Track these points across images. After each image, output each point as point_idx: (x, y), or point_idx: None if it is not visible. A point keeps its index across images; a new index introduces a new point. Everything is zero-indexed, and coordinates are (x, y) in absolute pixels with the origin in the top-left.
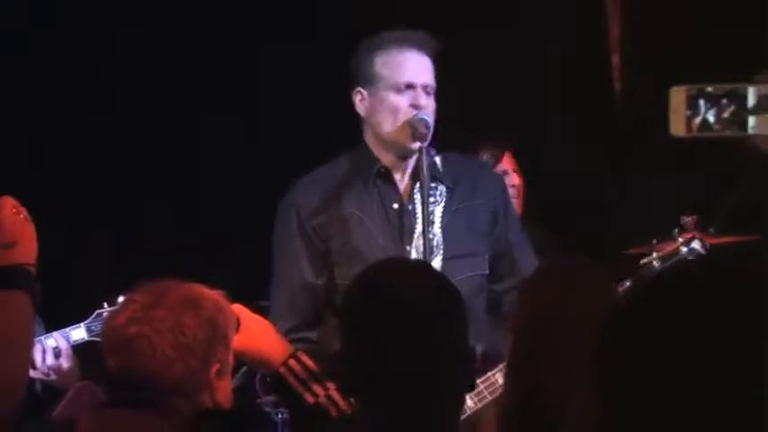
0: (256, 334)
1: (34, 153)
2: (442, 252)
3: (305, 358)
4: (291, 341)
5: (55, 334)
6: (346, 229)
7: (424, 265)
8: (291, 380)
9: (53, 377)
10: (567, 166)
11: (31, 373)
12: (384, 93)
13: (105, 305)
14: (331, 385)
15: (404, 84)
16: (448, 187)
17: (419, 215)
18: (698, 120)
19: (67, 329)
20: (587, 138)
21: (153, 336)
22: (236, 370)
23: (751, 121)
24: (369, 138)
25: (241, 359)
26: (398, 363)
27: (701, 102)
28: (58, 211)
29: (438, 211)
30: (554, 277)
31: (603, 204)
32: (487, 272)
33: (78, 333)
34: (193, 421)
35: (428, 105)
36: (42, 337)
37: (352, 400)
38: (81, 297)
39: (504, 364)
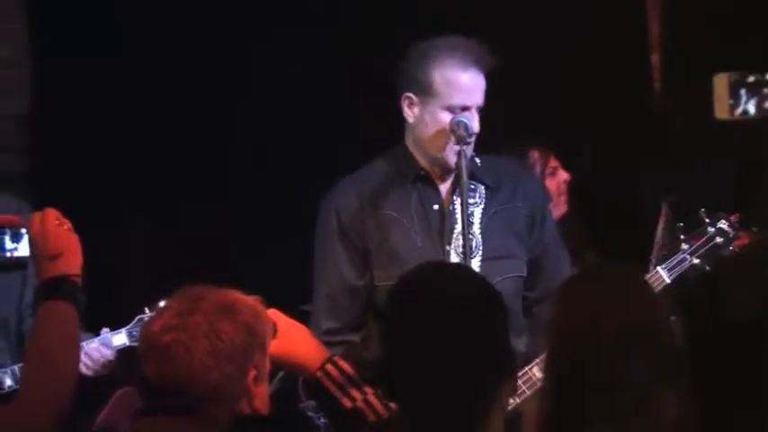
0: (293, 339)
1: (71, 154)
2: (481, 253)
3: (342, 363)
4: (333, 343)
5: (97, 339)
6: (385, 230)
7: (464, 268)
8: (329, 384)
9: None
10: (608, 167)
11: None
12: (437, 109)
13: (147, 310)
14: (369, 390)
15: (460, 107)
16: (488, 188)
17: (459, 216)
18: (739, 108)
19: (109, 335)
20: (627, 138)
21: (189, 342)
22: (273, 375)
23: None
24: (410, 141)
25: (278, 364)
26: (440, 367)
27: (743, 91)
28: (97, 215)
29: (477, 213)
30: (591, 281)
31: (642, 203)
32: (525, 274)
33: (120, 338)
34: (232, 428)
35: (477, 124)
36: (85, 342)
37: (390, 404)
38: (123, 302)
39: (541, 359)
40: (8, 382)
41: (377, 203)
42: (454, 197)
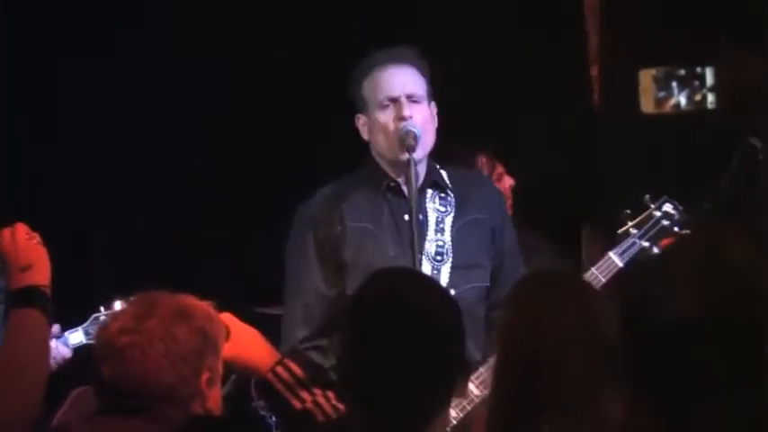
0: (245, 342)
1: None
2: (451, 260)
3: (292, 365)
4: (306, 350)
5: (54, 338)
6: (358, 242)
7: (420, 274)
8: (279, 386)
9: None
10: (547, 168)
11: None
12: (374, 113)
13: (102, 309)
14: (318, 391)
15: (385, 99)
16: (456, 198)
17: (430, 224)
18: (672, 100)
19: (66, 333)
20: (566, 140)
21: (145, 345)
22: (226, 377)
23: (710, 97)
24: (375, 156)
25: (231, 367)
26: (392, 367)
27: (674, 84)
28: (54, 214)
29: (448, 221)
30: (538, 285)
31: (585, 202)
32: (489, 284)
33: (76, 337)
34: (185, 428)
35: (415, 114)
36: (58, 339)
37: (338, 405)
38: (78, 301)
39: (474, 375)
40: None
41: (350, 216)
42: (426, 206)
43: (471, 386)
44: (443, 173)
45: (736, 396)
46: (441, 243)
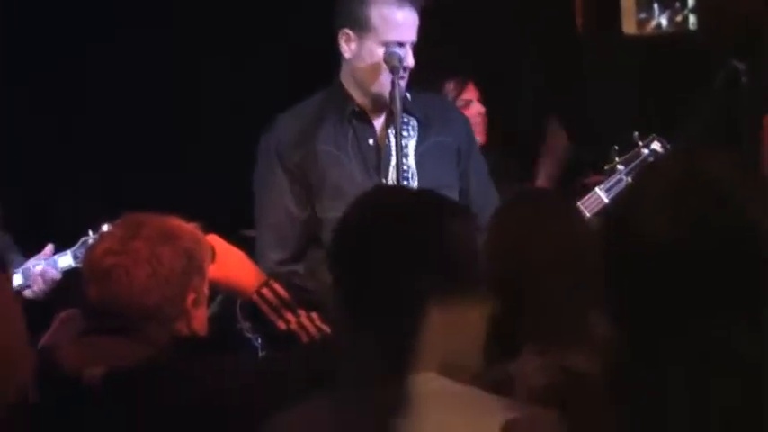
0: (231, 264)
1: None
2: (416, 183)
3: (277, 287)
4: (281, 273)
5: (44, 261)
6: (324, 165)
7: (404, 188)
8: (264, 307)
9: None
10: (529, 97)
11: (28, 294)
12: (373, 45)
13: (90, 233)
14: (302, 312)
15: (395, 41)
16: (419, 122)
17: (393, 149)
18: (653, 21)
19: (55, 257)
20: (551, 68)
21: (130, 266)
22: (212, 298)
23: (691, 18)
24: (345, 78)
25: (217, 288)
26: (387, 284)
27: (655, 5)
28: (50, 151)
29: (411, 145)
30: (522, 204)
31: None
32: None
33: (65, 260)
34: (169, 348)
35: (410, 56)
36: (32, 263)
37: (322, 326)
38: (67, 224)
39: None
40: (19, 280)
41: (316, 138)
42: (389, 131)
43: None
44: (408, 96)
45: (717, 319)
46: (405, 167)
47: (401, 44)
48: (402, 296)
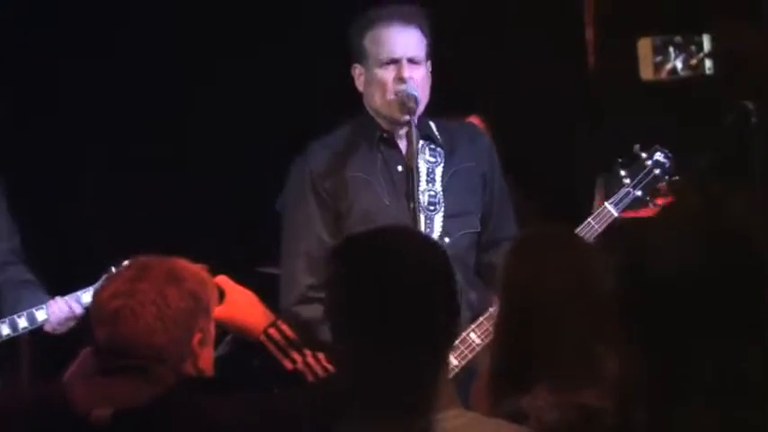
0: (239, 304)
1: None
2: (443, 209)
3: (284, 327)
4: (314, 299)
5: (68, 297)
6: (355, 191)
7: (408, 228)
8: (271, 347)
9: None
10: (543, 140)
11: (47, 328)
12: (373, 68)
13: (113, 269)
14: (308, 352)
15: (387, 59)
16: (445, 149)
17: (422, 175)
18: (668, 66)
19: (79, 293)
20: (560, 103)
21: (137, 308)
22: (220, 339)
23: (707, 63)
24: (368, 108)
25: (225, 328)
26: (385, 317)
27: (671, 49)
28: (72, 191)
29: (438, 171)
30: (538, 242)
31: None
32: (479, 229)
33: (88, 296)
34: (177, 387)
35: (414, 76)
36: (58, 299)
37: (327, 366)
38: (91, 262)
39: (475, 324)
40: (6, 330)
41: (346, 165)
42: (417, 158)
43: (473, 335)
44: (432, 124)
45: (735, 350)
46: (432, 193)
47: (395, 60)
48: (428, 336)
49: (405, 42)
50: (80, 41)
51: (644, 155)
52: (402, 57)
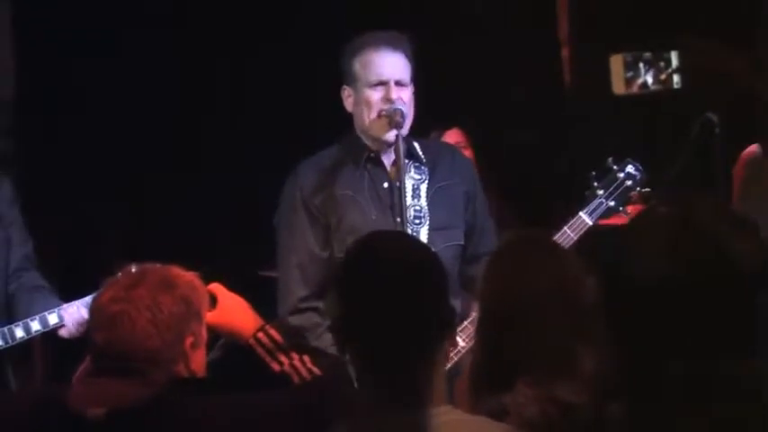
0: (231, 310)
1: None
2: (428, 223)
3: (273, 332)
4: (305, 309)
5: (79, 301)
6: (342, 207)
7: (406, 235)
8: (260, 350)
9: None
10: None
11: (64, 333)
12: (362, 89)
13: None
14: (295, 356)
15: (375, 81)
16: (428, 167)
17: (407, 191)
18: (639, 80)
19: (88, 298)
20: (538, 117)
21: (133, 312)
22: (213, 343)
23: (675, 78)
24: (357, 128)
25: (217, 333)
26: (388, 325)
27: (642, 65)
28: (82, 197)
29: (423, 188)
30: (517, 248)
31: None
32: (463, 242)
33: None
34: (170, 388)
35: (401, 97)
36: (68, 305)
37: (313, 369)
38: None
39: (460, 328)
40: (20, 333)
41: (334, 183)
42: (401, 174)
43: (458, 338)
44: (416, 144)
45: (705, 349)
46: (418, 208)
47: (383, 83)
48: (416, 334)
49: (392, 66)
50: (79, 49)
51: (616, 167)
52: (390, 79)
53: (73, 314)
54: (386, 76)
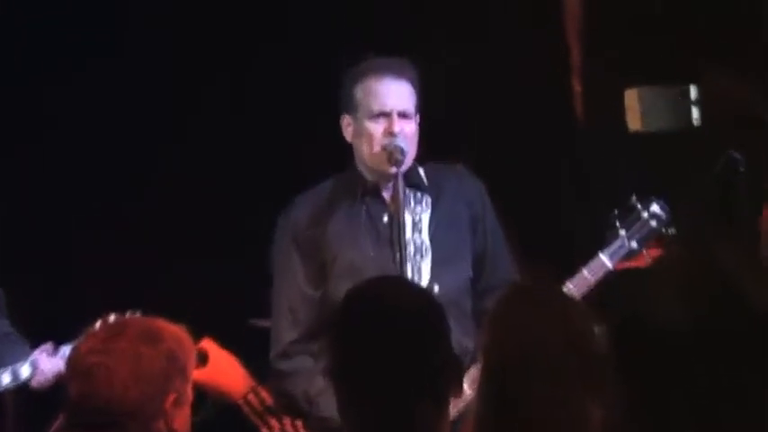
0: (221, 368)
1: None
2: (430, 256)
3: (263, 393)
4: (296, 353)
5: (53, 351)
6: (337, 244)
7: (405, 279)
8: (249, 413)
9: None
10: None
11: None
12: (363, 120)
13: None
14: (287, 420)
15: (377, 112)
16: (432, 195)
17: (408, 225)
18: (657, 117)
19: (63, 347)
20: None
21: (111, 365)
22: (201, 402)
23: (694, 113)
24: (356, 159)
25: (206, 391)
26: (389, 373)
27: (659, 101)
28: (55, 243)
29: (425, 219)
30: (521, 299)
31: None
32: (471, 274)
33: None
34: None
35: (404, 130)
36: (38, 355)
37: None
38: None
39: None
40: (6, 379)
41: (329, 219)
42: (401, 208)
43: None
44: (420, 170)
45: (732, 406)
46: (419, 242)
47: (385, 114)
48: (416, 382)
49: (395, 96)
50: (60, 74)
51: (640, 206)
52: (392, 110)
53: (43, 366)
54: (389, 106)
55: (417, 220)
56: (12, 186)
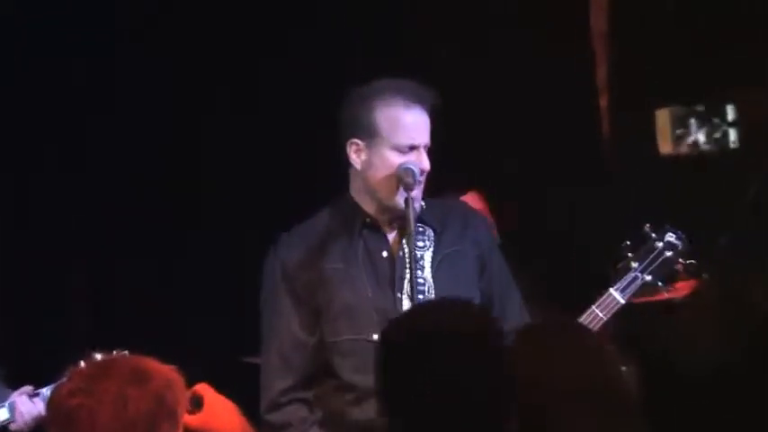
0: (218, 414)
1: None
2: (433, 296)
3: None
4: (286, 403)
5: (32, 393)
6: (333, 285)
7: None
8: None
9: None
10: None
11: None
12: (385, 150)
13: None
14: None
15: (407, 144)
16: (435, 231)
17: (408, 261)
18: (689, 138)
19: (44, 390)
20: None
21: (94, 407)
22: None
23: (731, 135)
24: (356, 190)
25: None
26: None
27: (693, 121)
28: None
29: (428, 257)
30: (540, 338)
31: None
32: None
33: None
34: None
35: (425, 160)
36: (17, 398)
37: None
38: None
39: None
40: (5, 415)
41: (323, 257)
42: (403, 243)
43: None
44: (423, 204)
45: None
46: (421, 280)
47: (414, 147)
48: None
49: (425, 129)
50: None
51: (654, 235)
52: (421, 144)
53: (26, 408)
54: (418, 140)
55: (419, 257)
56: None
